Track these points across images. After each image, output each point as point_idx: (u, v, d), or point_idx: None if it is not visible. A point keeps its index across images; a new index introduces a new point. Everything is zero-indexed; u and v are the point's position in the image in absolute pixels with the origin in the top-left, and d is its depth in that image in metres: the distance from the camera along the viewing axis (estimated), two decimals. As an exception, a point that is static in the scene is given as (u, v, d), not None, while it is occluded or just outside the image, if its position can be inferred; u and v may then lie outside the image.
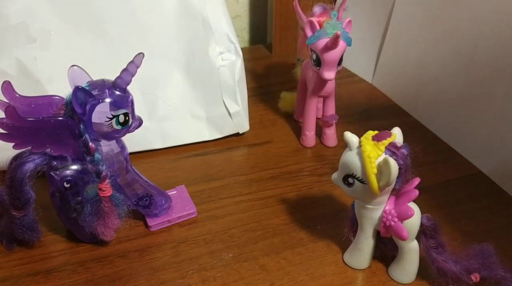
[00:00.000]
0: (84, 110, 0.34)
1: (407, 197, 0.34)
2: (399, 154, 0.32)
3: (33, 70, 0.44)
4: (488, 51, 0.48)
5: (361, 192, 0.33)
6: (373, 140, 0.32)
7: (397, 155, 0.32)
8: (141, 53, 0.34)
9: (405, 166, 0.33)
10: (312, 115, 0.52)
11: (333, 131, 0.54)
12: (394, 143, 0.33)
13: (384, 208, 0.35)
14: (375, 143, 0.32)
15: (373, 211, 0.35)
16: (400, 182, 0.34)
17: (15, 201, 0.36)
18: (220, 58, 0.51)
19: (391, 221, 0.34)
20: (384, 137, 0.32)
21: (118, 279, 0.38)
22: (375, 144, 0.32)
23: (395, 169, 0.31)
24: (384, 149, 0.32)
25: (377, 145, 0.32)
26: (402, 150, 0.33)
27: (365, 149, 0.32)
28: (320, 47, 0.45)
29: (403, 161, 0.32)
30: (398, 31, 0.61)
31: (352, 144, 0.33)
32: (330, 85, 0.50)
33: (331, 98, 0.52)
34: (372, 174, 0.32)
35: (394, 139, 0.33)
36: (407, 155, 0.33)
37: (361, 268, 0.38)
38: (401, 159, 0.32)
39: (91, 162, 0.35)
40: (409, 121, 0.58)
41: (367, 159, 0.31)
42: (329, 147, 0.54)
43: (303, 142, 0.54)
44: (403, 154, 0.33)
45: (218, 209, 0.45)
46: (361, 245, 0.37)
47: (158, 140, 0.52)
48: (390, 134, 0.33)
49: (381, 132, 0.33)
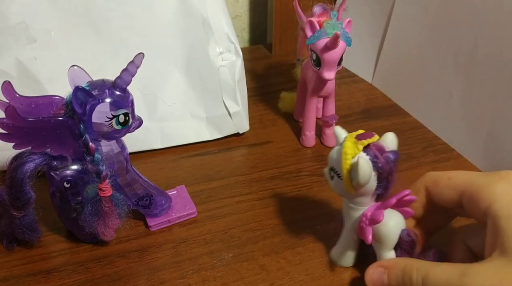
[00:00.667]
0: (84, 110, 0.34)
1: (384, 204, 0.34)
2: (382, 158, 0.32)
3: (33, 70, 0.44)
4: (488, 51, 0.48)
5: (339, 187, 0.34)
6: (355, 138, 0.32)
7: (378, 157, 0.32)
8: (141, 53, 0.34)
9: (387, 171, 0.32)
10: (312, 115, 0.52)
11: (333, 132, 0.53)
12: (381, 146, 0.32)
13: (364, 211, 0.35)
14: (356, 141, 0.32)
15: (354, 210, 0.35)
16: (382, 187, 0.33)
17: (15, 201, 0.35)
18: (220, 58, 0.51)
19: (363, 223, 0.34)
20: (365, 137, 0.32)
21: (118, 279, 0.38)
22: (355, 142, 0.32)
23: (364, 169, 0.31)
24: (361, 148, 0.32)
25: (357, 143, 0.32)
26: (387, 154, 0.32)
27: (345, 144, 0.32)
28: (320, 47, 0.45)
29: (384, 166, 0.32)
30: (398, 31, 0.61)
31: (339, 138, 0.34)
32: (330, 85, 0.50)
33: (331, 98, 0.52)
34: (345, 170, 0.32)
35: (374, 141, 0.32)
36: (392, 161, 0.32)
37: (345, 266, 0.38)
38: (383, 163, 0.32)
39: (91, 162, 0.35)
40: (409, 121, 0.58)
41: (343, 155, 0.32)
42: (329, 147, 0.53)
43: (303, 142, 0.54)
44: (387, 159, 0.32)
45: (218, 209, 0.45)
46: (343, 242, 0.38)
47: (158, 140, 0.52)
48: (372, 135, 0.33)
49: (365, 133, 0.33)
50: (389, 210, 0.34)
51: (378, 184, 0.33)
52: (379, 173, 0.32)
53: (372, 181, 0.32)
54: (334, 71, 0.46)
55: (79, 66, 0.36)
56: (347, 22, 0.46)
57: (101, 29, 0.47)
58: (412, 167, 0.50)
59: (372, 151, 0.32)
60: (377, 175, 0.32)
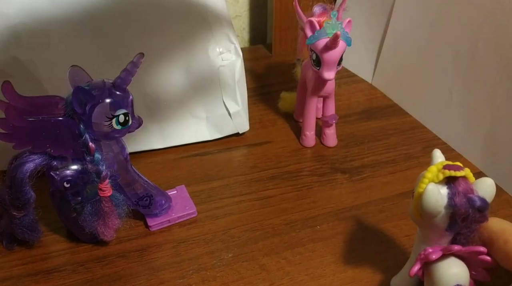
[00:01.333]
0: (84, 110, 0.34)
1: (448, 248, 0.30)
2: (462, 197, 0.28)
3: (33, 70, 0.44)
4: (488, 51, 0.48)
5: (409, 208, 0.32)
6: (443, 166, 0.30)
7: (457, 195, 0.28)
8: (141, 53, 0.34)
9: (462, 214, 0.28)
10: (312, 115, 0.52)
11: (333, 132, 0.53)
12: (470, 187, 0.29)
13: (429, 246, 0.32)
14: (441, 169, 0.29)
15: (422, 243, 0.32)
16: (455, 230, 0.30)
17: (15, 201, 0.36)
18: (220, 58, 0.51)
19: (419, 256, 0.31)
20: (452, 168, 0.29)
21: (118, 279, 0.38)
22: (439, 169, 0.29)
23: (429, 196, 0.28)
24: (441, 177, 0.29)
25: (441, 171, 0.29)
26: (472, 196, 0.29)
27: (430, 168, 0.30)
28: (319, 47, 0.45)
29: (460, 206, 0.28)
30: (398, 31, 0.61)
31: (432, 161, 0.32)
32: (330, 85, 0.49)
33: (331, 98, 0.51)
34: (418, 192, 0.30)
35: (461, 175, 0.29)
36: (474, 206, 0.28)
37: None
38: (460, 203, 0.28)
39: (91, 162, 0.35)
40: (409, 121, 0.58)
41: (422, 178, 0.30)
42: (329, 147, 0.53)
43: (303, 142, 0.54)
44: (469, 201, 0.28)
45: (218, 209, 0.45)
46: (405, 272, 0.35)
47: (158, 140, 0.52)
48: (461, 169, 0.29)
49: (455, 165, 0.30)
50: (458, 260, 0.31)
51: (450, 224, 0.29)
52: (453, 212, 0.29)
53: (441, 216, 0.29)
54: (334, 71, 0.46)
55: (79, 66, 0.36)
56: (347, 22, 0.46)
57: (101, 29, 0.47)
58: (412, 167, 0.50)
59: (456, 186, 0.29)
60: (450, 213, 0.29)
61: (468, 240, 0.30)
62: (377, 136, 0.55)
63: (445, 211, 0.29)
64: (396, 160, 0.51)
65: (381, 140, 0.55)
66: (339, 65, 0.47)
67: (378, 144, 0.54)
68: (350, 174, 0.49)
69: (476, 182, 0.30)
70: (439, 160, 0.31)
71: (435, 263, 0.31)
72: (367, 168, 0.50)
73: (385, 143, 0.54)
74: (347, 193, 0.47)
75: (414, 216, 0.31)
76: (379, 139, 0.55)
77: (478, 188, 0.29)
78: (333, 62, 0.46)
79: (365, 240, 0.41)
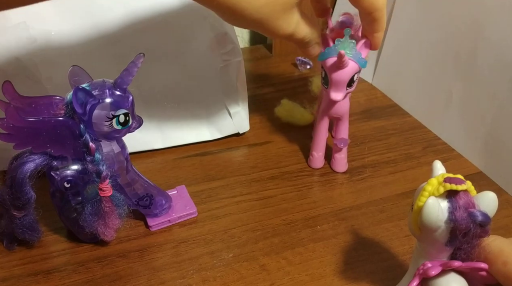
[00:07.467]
0: (84, 110, 0.34)
1: (447, 263, 0.29)
2: (462, 211, 0.28)
3: (33, 70, 0.44)
4: (488, 51, 0.48)
5: (409, 221, 0.31)
6: (443, 179, 0.29)
7: (457, 209, 0.28)
8: (141, 54, 0.35)
9: (462, 228, 0.28)
10: (322, 136, 0.48)
11: (343, 156, 0.49)
12: (471, 201, 0.28)
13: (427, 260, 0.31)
14: (442, 182, 0.29)
15: (420, 258, 0.32)
16: (454, 245, 0.29)
17: (15, 201, 0.36)
18: (220, 58, 0.51)
19: (417, 271, 0.31)
20: (453, 182, 0.28)
21: (118, 279, 0.38)
22: (440, 182, 0.29)
23: (428, 210, 0.27)
24: (442, 191, 0.28)
25: (442, 184, 0.28)
26: (474, 211, 0.28)
27: (430, 181, 0.29)
28: (328, 65, 0.42)
29: (461, 221, 0.28)
30: (398, 31, 0.61)
31: (432, 173, 0.31)
32: (342, 106, 0.45)
33: (344, 121, 0.47)
34: (417, 205, 0.29)
35: (462, 189, 0.28)
36: (474, 221, 0.28)
37: None
38: (460, 218, 0.28)
39: (91, 162, 0.35)
40: (409, 121, 0.58)
41: (422, 191, 0.29)
42: (338, 173, 0.50)
43: (310, 163, 0.50)
44: (471, 215, 0.28)
45: (218, 209, 0.45)
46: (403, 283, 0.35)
47: (158, 141, 0.52)
48: (462, 182, 0.28)
49: (456, 178, 0.29)
50: (458, 276, 0.30)
51: (451, 239, 0.29)
52: (453, 226, 0.28)
53: (441, 230, 0.28)
54: (342, 93, 0.43)
55: (79, 66, 0.36)
56: (363, 43, 0.42)
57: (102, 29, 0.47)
58: (412, 167, 0.50)
59: (457, 200, 0.28)
60: (450, 227, 0.28)
61: (469, 255, 0.29)
62: (377, 137, 0.55)
63: (445, 226, 0.28)
64: (396, 160, 0.52)
65: (381, 141, 0.55)
66: (350, 86, 0.43)
67: (378, 144, 0.54)
68: (350, 174, 0.49)
69: (478, 196, 0.29)
70: (440, 171, 0.30)
71: (434, 279, 0.30)
72: (367, 168, 0.50)
73: (385, 143, 0.54)
74: (347, 193, 0.47)
75: (413, 230, 0.30)
76: (379, 140, 0.55)
77: (480, 202, 0.28)
78: (341, 83, 0.42)
79: (366, 240, 0.41)
